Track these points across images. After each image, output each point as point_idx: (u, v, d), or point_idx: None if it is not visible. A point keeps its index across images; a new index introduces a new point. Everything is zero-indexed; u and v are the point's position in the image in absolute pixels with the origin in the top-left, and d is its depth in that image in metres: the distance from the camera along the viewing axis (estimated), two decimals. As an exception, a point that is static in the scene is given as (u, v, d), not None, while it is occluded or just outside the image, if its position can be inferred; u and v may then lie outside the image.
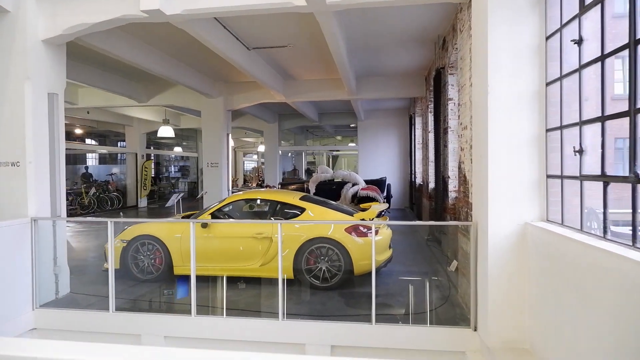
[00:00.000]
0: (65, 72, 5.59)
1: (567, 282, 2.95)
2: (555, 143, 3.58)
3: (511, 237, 3.72)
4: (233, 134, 22.35)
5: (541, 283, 3.41)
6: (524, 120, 3.70)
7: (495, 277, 3.77)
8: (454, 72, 6.71)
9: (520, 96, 3.70)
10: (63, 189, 5.50)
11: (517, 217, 3.71)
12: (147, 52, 7.87)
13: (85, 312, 4.91)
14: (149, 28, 7.03)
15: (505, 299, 3.76)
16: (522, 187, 3.70)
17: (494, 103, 3.74)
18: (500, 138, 3.73)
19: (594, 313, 2.63)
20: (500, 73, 3.73)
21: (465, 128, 5.18)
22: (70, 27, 5.07)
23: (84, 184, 17.31)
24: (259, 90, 11.21)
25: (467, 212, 5.09)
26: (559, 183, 3.49)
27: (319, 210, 6.07)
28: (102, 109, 14.14)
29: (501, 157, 3.72)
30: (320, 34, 6.47)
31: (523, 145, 3.70)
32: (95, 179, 18.33)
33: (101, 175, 19.59)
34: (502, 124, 3.73)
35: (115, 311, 4.78)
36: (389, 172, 15.76)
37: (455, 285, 5.50)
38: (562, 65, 3.40)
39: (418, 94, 10.95)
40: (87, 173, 18.42)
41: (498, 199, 3.74)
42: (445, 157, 7.28)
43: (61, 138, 5.44)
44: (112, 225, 4.79)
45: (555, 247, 3.14)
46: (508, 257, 3.72)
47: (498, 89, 3.73)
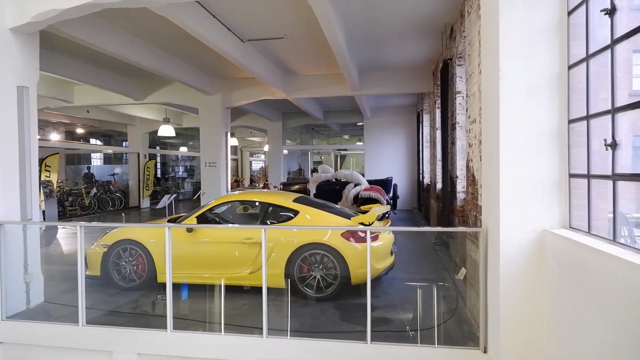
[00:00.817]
0: (39, 63, 5.18)
1: (596, 302, 2.42)
2: (579, 136, 3.03)
3: (527, 246, 3.18)
4: (238, 133, 22.06)
5: (563, 301, 2.87)
6: (542, 110, 3.16)
7: (508, 292, 3.24)
8: (462, 62, 6.17)
9: (538, 82, 3.16)
10: (35, 190, 5.09)
11: (533, 223, 3.17)
12: (135, 45, 7.45)
13: (54, 325, 4.48)
14: (133, 18, 6.61)
15: (520, 317, 3.23)
16: (539, 189, 3.17)
17: (507, 91, 3.21)
18: (514, 131, 3.20)
19: (626, 339, 2.10)
20: (514, 56, 3.19)
21: (474, 122, 4.64)
22: (40, 13, 4.64)
23: (86, 184, 17.06)
24: (259, 87, 10.75)
25: (475, 217, 4.55)
26: (584, 183, 2.94)
27: (313, 213, 5.57)
28: (100, 107, 13.83)
29: (515, 153, 3.19)
30: (318, 24, 5.97)
31: (541, 139, 3.16)
32: (97, 179, 18.07)
33: (104, 175, 19.33)
34: (516, 114, 3.20)
35: (85, 325, 4.34)
36: (397, 172, 15.21)
37: (464, 296, 4.96)
38: (588, 43, 2.86)
39: (425, 89, 10.39)
40: (89, 173, 18.19)
41: (511, 202, 3.20)
42: (453, 155, 6.73)
43: (32, 135, 5.03)
44: (82, 230, 4.35)
45: (581, 260, 2.61)
46: (523, 270, 3.19)
47: (511, 74, 3.20)
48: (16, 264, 4.90)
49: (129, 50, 7.29)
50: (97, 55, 7.91)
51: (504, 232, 3.23)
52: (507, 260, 3.23)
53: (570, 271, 2.76)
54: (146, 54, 7.76)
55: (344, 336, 4.14)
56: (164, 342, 4.16)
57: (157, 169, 22.60)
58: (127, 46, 7.24)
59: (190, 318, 4.73)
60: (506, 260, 3.23)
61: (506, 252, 3.22)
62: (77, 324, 4.33)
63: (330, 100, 14.63)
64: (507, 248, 3.22)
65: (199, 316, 4.84)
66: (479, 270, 3.74)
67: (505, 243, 3.23)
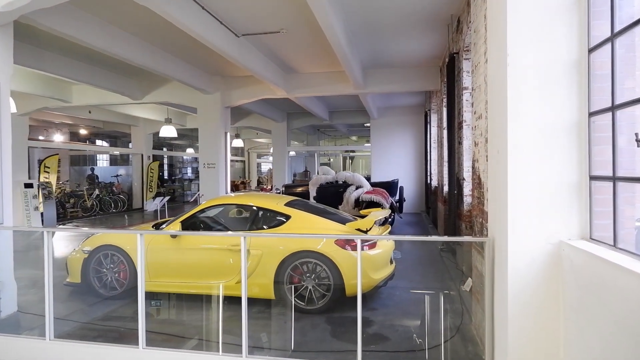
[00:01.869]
0: (12, 57, 4.84)
1: (625, 331, 1.97)
2: (602, 131, 2.57)
3: (540, 260, 2.72)
4: (244, 134, 21.74)
5: (584, 328, 2.41)
6: (558, 102, 2.70)
7: (517, 311, 2.79)
8: (469, 56, 5.71)
9: (552, 68, 2.71)
10: (7, 192, 4.76)
11: (548, 233, 2.71)
12: (124, 40, 7.13)
13: (19, 338, 4.12)
14: (120, 11, 6.29)
15: (531, 341, 2.77)
16: (554, 193, 2.71)
17: (516, 79, 2.76)
18: (524, 127, 2.75)
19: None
20: (525, 39, 2.74)
21: (480, 117, 4.18)
22: (9, 2, 4.31)
23: (89, 185, 16.88)
24: (259, 85, 10.38)
25: (482, 224, 4.09)
26: (608, 187, 2.48)
27: (306, 219, 5.15)
28: (102, 107, 13.60)
29: (525, 151, 2.74)
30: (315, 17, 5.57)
31: (556, 135, 2.70)
32: (100, 181, 17.88)
33: (108, 176, 19.15)
34: (527, 107, 2.75)
35: (53, 339, 3.97)
36: (404, 174, 14.72)
37: (470, 311, 4.49)
38: (613, 19, 2.40)
39: (432, 86, 9.91)
40: (92, 174, 18.01)
41: (521, 208, 2.75)
42: (460, 155, 6.26)
43: (5, 133, 4.70)
44: (49, 235, 3.99)
45: (605, 279, 2.16)
46: (535, 288, 2.73)
47: (521, 61, 2.75)
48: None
49: (118, 45, 6.97)
50: (90, 52, 7.63)
51: (513, 242, 2.78)
52: (517, 276, 2.77)
53: (593, 292, 2.30)
54: (137, 50, 7.44)
55: (332, 357, 3.72)
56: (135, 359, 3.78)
57: (162, 171, 22.41)
58: (116, 41, 6.92)
59: (168, 333, 4.34)
60: (515, 275, 2.78)
61: (515, 266, 2.77)
62: (44, 338, 3.97)
63: (335, 99, 14.21)
64: (516, 262, 2.77)
65: (178, 330, 4.45)
66: (485, 285, 3.29)
67: (514, 255, 2.77)
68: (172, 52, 8.40)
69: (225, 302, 4.89)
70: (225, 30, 6.73)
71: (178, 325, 4.69)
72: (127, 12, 6.25)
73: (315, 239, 4.84)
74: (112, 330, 4.54)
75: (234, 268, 4.92)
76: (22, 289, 5.41)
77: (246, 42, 7.63)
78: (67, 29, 5.92)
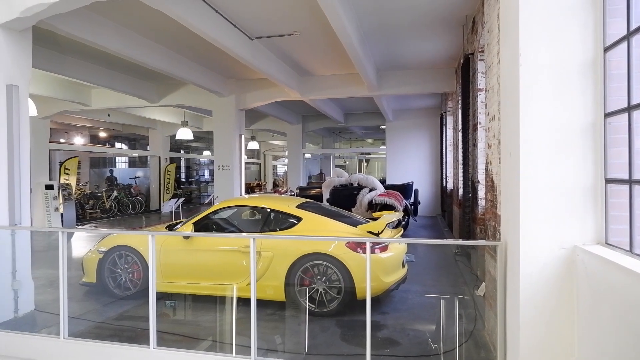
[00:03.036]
0: (31, 61, 4.97)
1: (639, 336, 1.89)
2: (618, 133, 2.49)
3: (553, 265, 2.65)
4: (260, 137, 21.87)
5: (596, 331, 2.33)
6: (572, 102, 2.63)
7: (529, 317, 2.71)
8: (483, 56, 5.62)
9: (566, 68, 2.63)
10: (25, 193, 4.87)
11: (561, 238, 2.63)
12: (140, 44, 7.25)
13: (36, 336, 4.21)
14: (136, 15, 6.39)
15: (544, 348, 2.69)
16: (568, 196, 2.63)
17: (528, 80, 2.69)
18: (537, 128, 2.68)
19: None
20: (538, 38, 2.68)
21: (493, 119, 4.11)
22: (27, 8, 4.42)
23: (108, 187, 17.21)
24: (273, 88, 10.42)
25: (494, 227, 4.01)
26: (624, 191, 2.40)
27: (317, 221, 5.14)
28: (121, 110, 13.87)
29: (538, 153, 2.67)
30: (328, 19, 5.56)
31: (570, 136, 2.63)
32: (118, 183, 18.21)
33: (127, 178, 19.48)
34: (540, 108, 2.68)
35: (67, 338, 4.04)
36: (419, 176, 14.58)
37: (483, 316, 4.41)
38: (630, 15, 2.33)
39: (447, 88, 9.80)
40: (111, 176, 18.36)
41: (534, 212, 2.68)
42: (475, 158, 6.17)
43: (23, 136, 4.82)
44: (64, 236, 4.06)
45: (622, 287, 2.08)
46: (548, 294, 2.65)
47: (534, 61, 2.68)
48: (5, 270, 4.69)
49: (134, 49, 7.09)
50: (108, 56, 7.78)
51: (525, 247, 2.71)
52: (529, 281, 2.70)
53: (607, 299, 2.22)
54: (152, 54, 7.55)
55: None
56: (145, 359, 3.81)
57: (179, 173, 22.69)
58: (132, 45, 7.04)
59: (181, 333, 4.37)
60: (528, 280, 2.70)
61: (527, 271, 2.69)
62: (59, 337, 4.05)
63: (351, 101, 14.17)
64: (528, 266, 2.70)
65: (192, 331, 4.48)
66: (497, 289, 3.22)
67: (526, 260, 2.70)
68: (187, 55, 8.50)
69: (239, 303, 4.91)
70: (238, 33, 6.78)
71: (192, 326, 4.71)
72: (142, 16, 6.36)
73: (327, 242, 4.81)
74: (125, 329, 4.60)
75: (245, 269, 4.93)
76: (39, 288, 5.54)
77: (260, 45, 7.67)
78: (84, 33, 6.04)
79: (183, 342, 4.20)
